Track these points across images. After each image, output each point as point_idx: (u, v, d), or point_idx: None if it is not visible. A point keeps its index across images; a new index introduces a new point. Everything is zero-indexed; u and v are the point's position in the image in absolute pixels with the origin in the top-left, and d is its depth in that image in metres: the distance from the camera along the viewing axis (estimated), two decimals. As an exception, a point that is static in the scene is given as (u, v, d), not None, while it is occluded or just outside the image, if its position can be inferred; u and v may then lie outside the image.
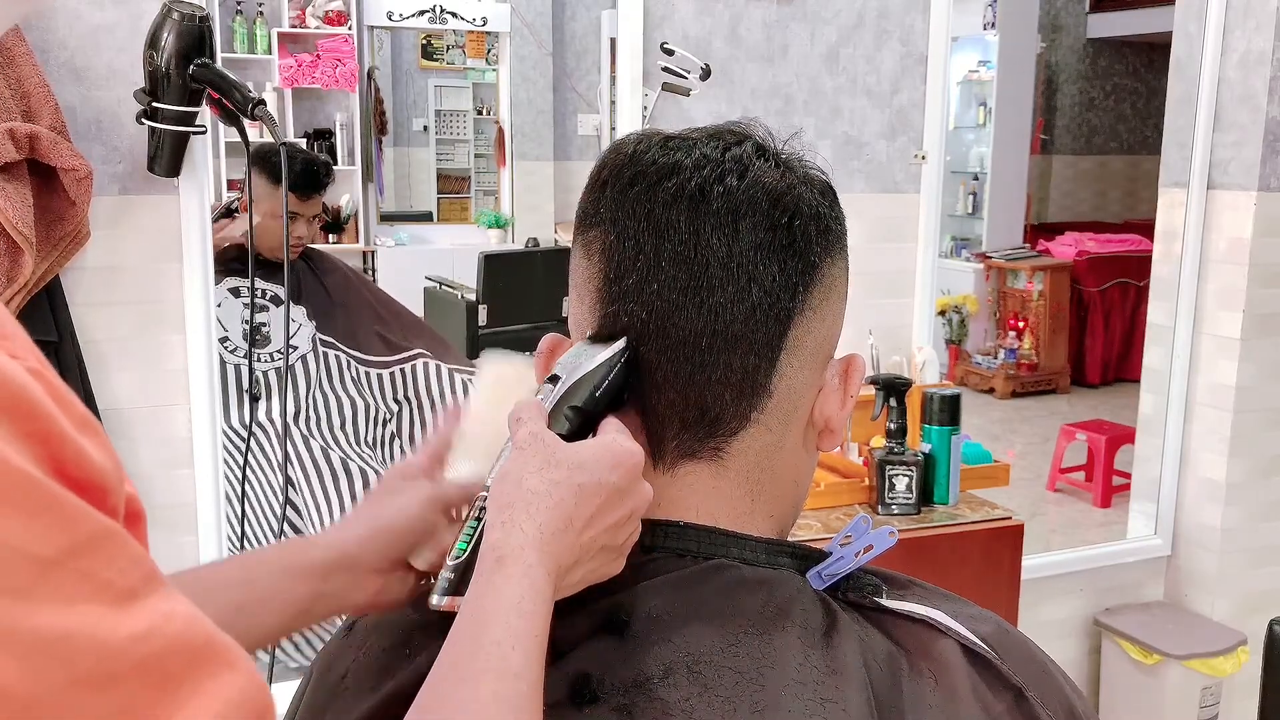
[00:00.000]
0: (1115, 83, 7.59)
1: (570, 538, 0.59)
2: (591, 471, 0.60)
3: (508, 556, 0.57)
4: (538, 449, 0.60)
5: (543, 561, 0.58)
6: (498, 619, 0.55)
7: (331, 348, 2.28)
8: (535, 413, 0.63)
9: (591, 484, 0.60)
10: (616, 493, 0.60)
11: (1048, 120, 7.39)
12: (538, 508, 0.58)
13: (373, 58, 5.79)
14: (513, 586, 0.56)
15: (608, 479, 0.60)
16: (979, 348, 6.29)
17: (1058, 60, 7.41)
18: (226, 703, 0.37)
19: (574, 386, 0.65)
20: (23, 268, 1.61)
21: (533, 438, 0.61)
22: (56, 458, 0.36)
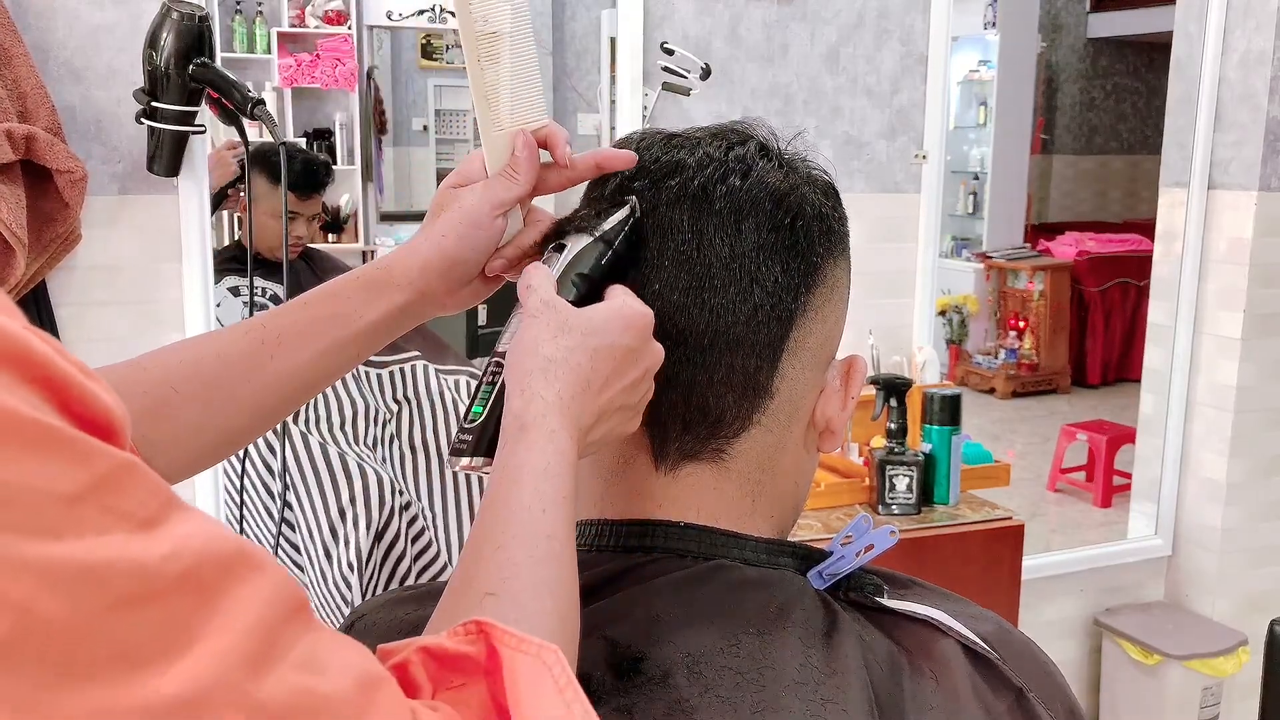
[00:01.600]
0: (1116, 82, 7.59)
1: (589, 400, 0.60)
2: (604, 334, 0.61)
3: (530, 424, 0.58)
4: (550, 316, 0.61)
5: (565, 425, 0.59)
6: (526, 485, 0.57)
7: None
8: (544, 279, 0.63)
9: (605, 346, 0.61)
10: (630, 353, 0.62)
11: (1048, 120, 7.39)
12: (555, 374, 0.59)
13: (372, 57, 5.79)
14: (537, 452, 0.58)
15: (620, 341, 0.61)
16: (979, 348, 6.29)
17: (1058, 60, 7.41)
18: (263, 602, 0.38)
19: (581, 254, 0.65)
20: (14, 268, 1.61)
21: (544, 305, 0.62)
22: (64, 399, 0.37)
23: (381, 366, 2.32)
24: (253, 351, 0.71)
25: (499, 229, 0.72)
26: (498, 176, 0.71)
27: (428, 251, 0.71)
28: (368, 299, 0.71)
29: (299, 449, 2.14)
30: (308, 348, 0.71)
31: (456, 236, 0.71)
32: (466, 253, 0.71)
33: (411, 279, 0.71)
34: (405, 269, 0.71)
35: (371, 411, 2.27)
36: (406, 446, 2.30)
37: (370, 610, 0.73)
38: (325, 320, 0.71)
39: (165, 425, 0.69)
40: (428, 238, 0.72)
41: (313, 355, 0.71)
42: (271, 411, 0.73)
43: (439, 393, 2.34)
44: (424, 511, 2.25)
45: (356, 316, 0.71)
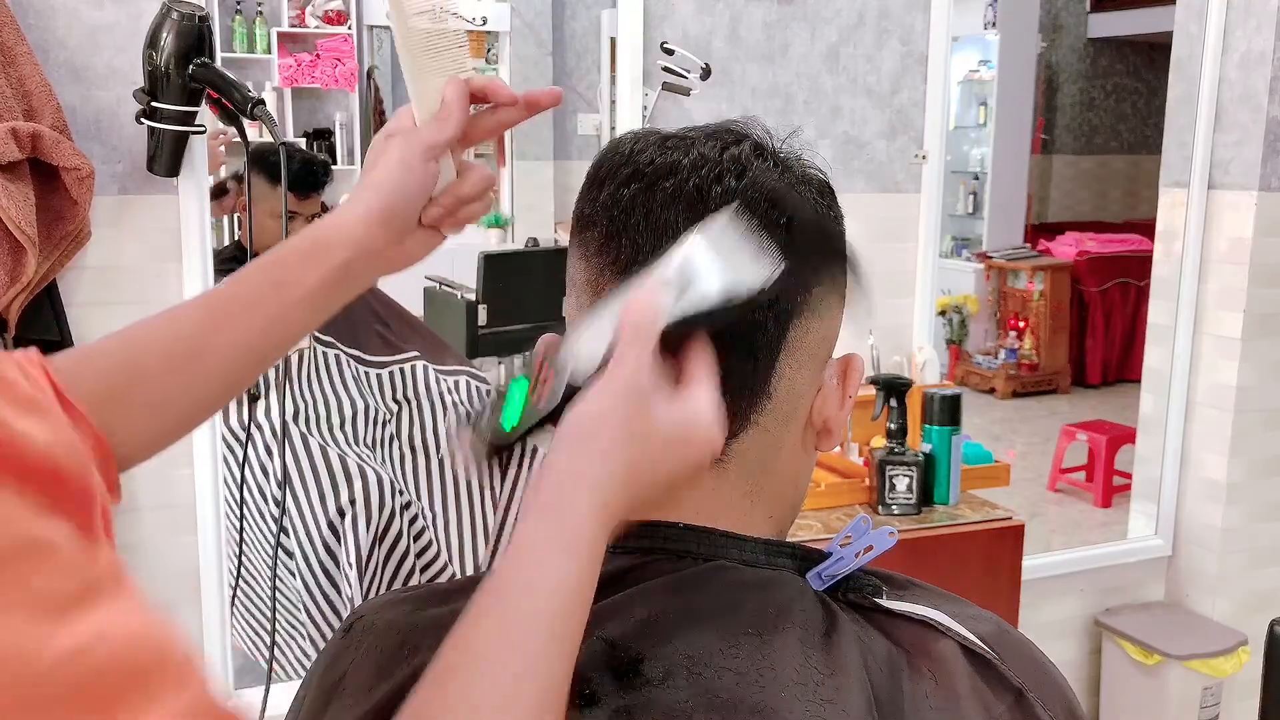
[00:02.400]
0: (1116, 82, 7.59)
1: (626, 500, 0.58)
2: (667, 454, 0.59)
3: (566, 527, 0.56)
4: (632, 408, 0.58)
5: (598, 537, 0.56)
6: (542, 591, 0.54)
7: (331, 347, 2.28)
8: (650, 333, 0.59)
9: (666, 466, 0.59)
10: (682, 466, 0.60)
11: (1048, 120, 7.39)
12: (606, 483, 0.57)
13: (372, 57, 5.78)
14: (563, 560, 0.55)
15: (681, 462, 0.60)
16: (979, 348, 6.29)
17: (1058, 60, 7.41)
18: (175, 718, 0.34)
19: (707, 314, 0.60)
20: (26, 267, 1.61)
21: (631, 394, 0.58)
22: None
23: (381, 367, 2.32)
24: (203, 324, 0.72)
25: (432, 173, 0.72)
26: (429, 122, 0.72)
27: (367, 201, 0.72)
28: (308, 263, 0.71)
29: (299, 450, 2.14)
30: (254, 318, 0.71)
31: (391, 184, 0.71)
32: (402, 199, 0.72)
33: (351, 233, 0.71)
34: (343, 223, 0.72)
35: (371, 411, 2.27)
36: (406, 446, 2.30)
37: (370, 610, 0.73)
38: (268, 288, 0.71)
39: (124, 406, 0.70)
40: (363, 188, 0.72)
41: (260, 325, 0.71)
42: (230, 383, 0.73)
43: (439, 393, 2.34)
44: (424, 511, 2.25)
45: (297, 282, 0.71)
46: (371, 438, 2.27)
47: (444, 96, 0.72)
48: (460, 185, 0.75)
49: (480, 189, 0.76)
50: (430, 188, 0.73)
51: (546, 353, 0.63)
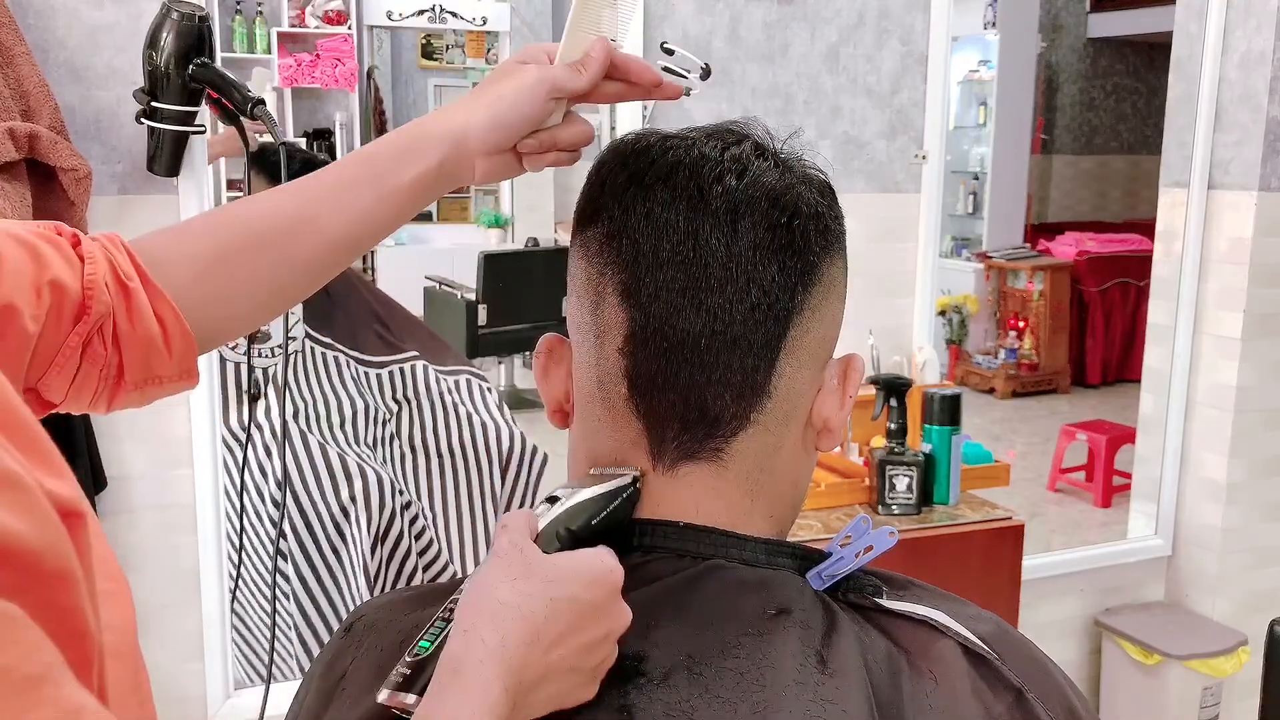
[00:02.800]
0: (1115, 82, 7.59)
1: (536, 654, 0.56)
2: (565, 585, 0.57)
3: (465, 669, 0.54)
4: (514, 558, 0.57)
5: (501, 677, 0.54)
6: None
7: (330, 348, 2.28)
8: (522, 524, 0.60)
9: (564, 598, 0.57)
10: (592, 610, 0.58)
11: (1048, 120, 7.39)
12: (504, 619, 0.55)
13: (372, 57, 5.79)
14: (468, 701, 0.53)
15: (583, 595, 0.57)
16: (979, 348, 6.29)
17: (1058, 60, 7.41)
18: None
19: (573, 510, 0.63)
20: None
21: (512, 547, 0.58)
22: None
23: (381, 366, 2.32)
24: (299, 210, 0.74)
25: (545, 110, 0.75)
26: (566, 65, 0.76)
27: (481, 106, 0.75)
28: (406, 156, 0.74)
29: (300, 450, 2.14)
30: (350, 206, 0.74)
31: (512, 101, 0.74)
32: (514, 119, 0.75)
33: (452, 131, 0.74)
34: (447, 125, 0.75)
35: (371, 411, 2.27)
36: (406, 446, 2.30)
37: (370, 610, 0.73)
38: (363, 179, 0.74)
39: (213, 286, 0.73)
40: (479, 95, 0.75)
41: (355, 214, 0.74)
42: (321, 270, 0.76)
43: (439, 393, 2.34)
44: (424, 511, 2.25)
45: (394, 174, 0.74)
46: (371, 437, 2.27)
47: (591, 52, 0.76)
48: (561, 131, 0.78)
49: (576, 141, 0.79)
50: (540, 121, 0.76)
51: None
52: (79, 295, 0.67)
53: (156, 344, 0.71)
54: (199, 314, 0.72)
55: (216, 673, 1.93)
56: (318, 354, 2.27)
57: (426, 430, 2.31)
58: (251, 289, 0.74)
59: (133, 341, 0.70)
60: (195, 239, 0.73)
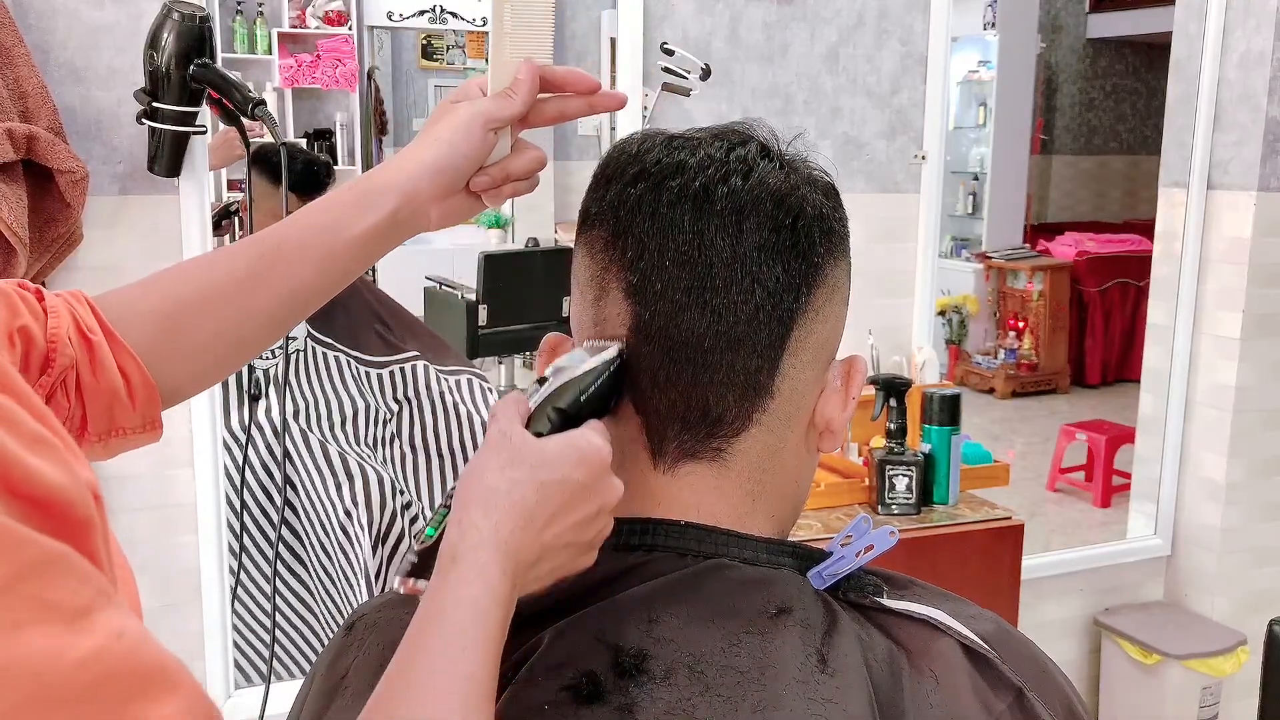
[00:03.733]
0: (1115, 83, 7.59)
1: (530, 535, 0.58)
2: (554, 468, 0.59)
3: (462, 556, 0.57)
4: (503, 446, 0.60)
5: (498, 560, 0.57)
6: (451, 620, 0.56)
7: (330, 347, 2.28)
8: (511, 410, 0.62)
9: (554, 481, 0.59)
10: (581, 489, 0.60)
11: (1048, 120, 7.39)
12: (495, 505, 0.58)
13: (373, 58, 5.79)
14: (466, 587, 0.56)
15: (571, 475, 0.60)
16: (979, 348, 6.29)
17: (1058, 60, 7.41)
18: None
19: (560, 389, 0.64)
20: (15, 269, 1.61)
21: (501, 435, 0.60)
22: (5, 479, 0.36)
23: (381, 366, 2.32)
24: (253, 265, 0.74)
25: (488, 144, 0.75)
26: (496, 94, 0.75)
27: (420, 154, 0.74)
28: (358, 208, 0.74)
29: (300, 449, 2.14)
30: (305, 259, 0.74)
31: (447, 144, 0.74)
32: (456, 160, 0.74)
33: (400, 182, 0.74)
34: (395, 172, 0.75)
35: (372, 411, 2.27)
36: (407, 446, 2.30)
37: (371, 609, 0.74)
38: (318, 232, 0.74)
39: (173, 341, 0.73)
40: (419, 143, 0.75)
41: (311, 266, 0.74)
42: (279, 322, 0.77)
43: (439, 393, 2.34)
44: (424, 512, 2.25)
45: (348, 226, 0.74)
46: (372, 438, 2.27)
47: (518, 74, 0.75)
48: (511, 161, 0.78)
49: (529, 169, 0.79)
50: (483, 156, 0.76)
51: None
52: (44, 347, 0.68)
53: (120, 395, 0.72)
54: (162, 369, 0.73)
55: (216, 673, 1.94)
56: (318, 354, 2.27)
57: (427, 430, 2.31)
58: (210, 343, 0.75)
59: (96, 393, 0.71)
60: (155, 295, 0.74)
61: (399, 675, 0.55)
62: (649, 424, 0.67)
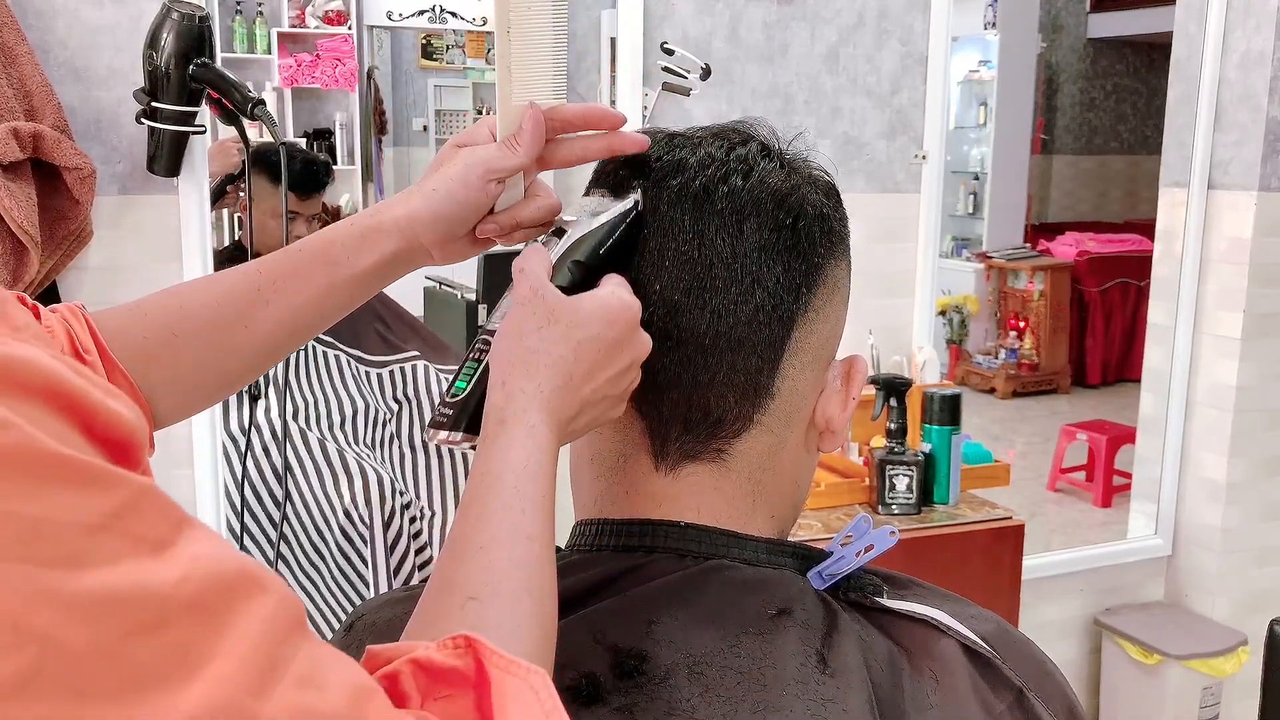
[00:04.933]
0: (1116, 83, 7.58)
1: (570, 393, 0.60)
2: (589, 326, 0.61)
3: (510, 419, 0.59)
4: (537, 304, 0.61)
5: (545, 420, 0.59)
6: (506, 483, 0.57)
7: (331, 347, 2.28)
8: (539, 263, 0.63)
9: (589, 339, 0.61)
10: (614, 345, 0.61)
11: (1048, 120, 7.39)
12: (536, 366, 0.60)
13: (373, 57, 5.79)
14: (517, 449, 0.58)
15: (605, 334, 0.61)
16: (979, 348, 6.29)
17: (1058, 60, 7.41)
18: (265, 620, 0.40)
19: (579, 241, 0.65)
20: (28, 267, 1.61)
21: (533, 292, 0.61)
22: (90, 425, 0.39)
23: (381, 366, 2.32)
24: (249, 296, 0.73)
25: (490, 194, 0.72)
26: (498, 144, 0.72)
27: (417, 204, 0.72)
28: (360, 245, 0.73)
29: (300, 449, 2.14)
30: (303, 292, 0.73)
31: (446, 194, 0.71)
32: (454, 210, 0.72)
33: (400, 227, 0.72)
34: (394, 218, 0.73)
35: (371, 411, 2.27)
36: (406, 446, 2.30)
37: (370, 610, 0.74)
38: (319, 265, 0.73)
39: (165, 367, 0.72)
40: (420, 190, 0.73)
41: (307, 299, 0.73)
42: (269, 354, 0.75)
43: (439, 393, 2.34)
44: (423, 511, 2.25)
45: (348, 262, 0.73)
46: (371, 438, 2.27)
47: (522, 123, 0.71)
48: (521, 209, 0.73)
49: (541, 217, 0.74)
50: (485, 206, 0.72)
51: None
52: None
53: None
54: (150, 394, 0.72)
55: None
56: (318, 353, 2.27)
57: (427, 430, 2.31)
58: (199, 373, 0.74)
59: None
60: (148, 320, 0.73)
61: (461, 543, 0.56)
62: (651, 426, 0.67)
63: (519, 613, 0.54)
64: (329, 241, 0.74)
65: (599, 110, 0.73)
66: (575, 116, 0.72)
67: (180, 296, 0.74)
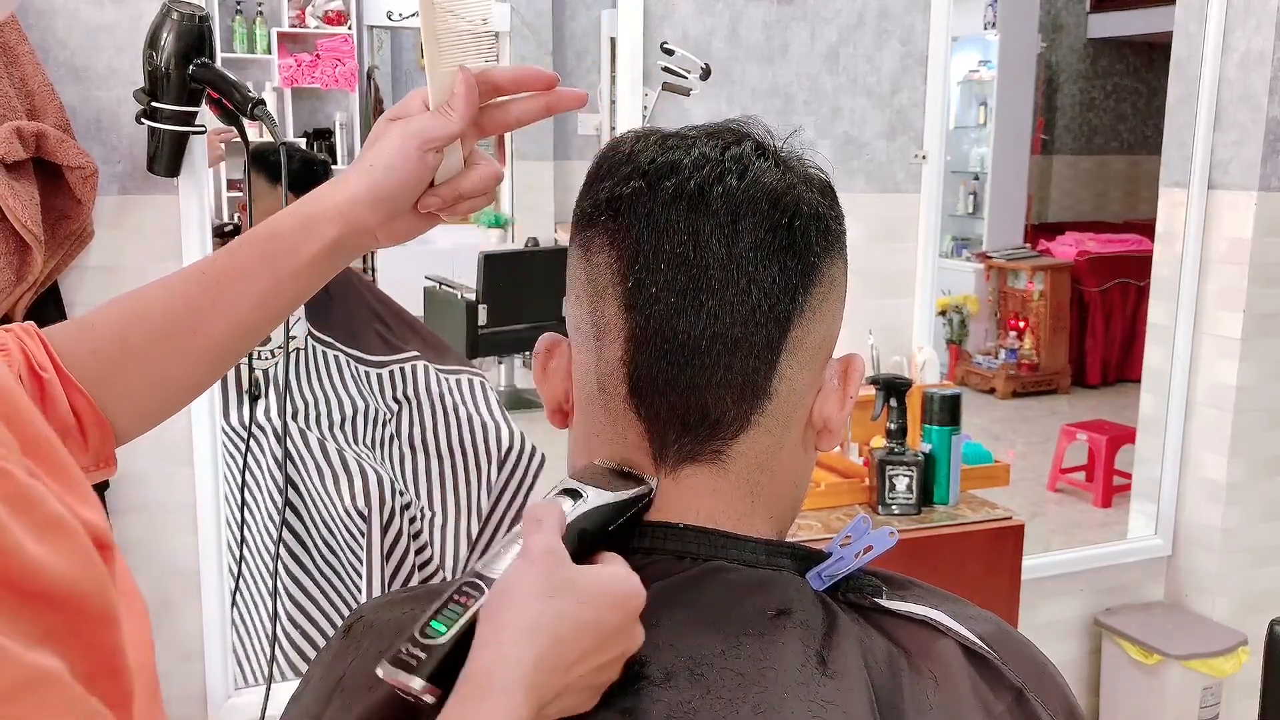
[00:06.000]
0: (1115, 83, 7.58)
1: (558, 675, 0.56)
2: (595, 608, 0.57)
3: (494, 690, 0.53)
4: (550, 570, 0.57)
5: (527, 700, 0.54)
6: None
7: (330, 347, 2.28)
8: (556, 522, 0.59)
9: (592, 621, 0.56)
10: (614, 632, 0.57)
11: (1048, 120, 7.39)
12: (536, 640, 0.55)
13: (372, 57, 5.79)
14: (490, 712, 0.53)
15: (609, 619, 0.57)
16: (979, 348, 6.29)
17: (1058, 60, 7.41)
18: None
19: (592, 512, 0.62)
20: (32, 266, 1.61)
21: (547, 554, 0.57)
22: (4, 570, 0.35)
23: (381, 366, 2.32)
24: (197, 298, 0.71)
25: (429, 165, 0.70)
26: (431, 113, 0.70)
27: (355, 183, 0.70)
28: (300, 235, 0.71)
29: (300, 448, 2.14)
30: (250, 290, 0.71)
31: (384, 168, 0.69)
32: (393, 186, 0.70)
33: (341, 211, 0.70)
34: (334, 201, 0.71)
35: (371, 411, 2.27)
36: (406, 446, 2.30)
37: (369, 611, 0.73)
38: (263, 260, 0.71)
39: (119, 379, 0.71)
40: (356, 169, 0.71)
41: (255, 297, 0.71)
42: (223, 357, 0.73)
43: (439, 393, 2.34)
44: (422, 511, 2.25)
45: (291, 254, 0.71)
46: (371, 438, 2.27)
47: (455, 89, 0.69)
48: (463, 179, 0.72)
49: (483, 186, 0.73)
50: (426, 179, 0.71)
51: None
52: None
53: (72, 434, 0.70)
54: (111, 407, 0.70)
55: (216, 673, 1.93)
56: (318, 353, 2.27)
57: (426, 430, 2.31)
58: (154, 381, 0.72)
59: None
60: (97, 333, 0.71)
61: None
62: (649, 428, 0.67)
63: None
64: (270, 235, 0.71)
65: (531, 71, 0.72)
66: (507, 80, 0.71)
67: (129, 306, 0.72)
